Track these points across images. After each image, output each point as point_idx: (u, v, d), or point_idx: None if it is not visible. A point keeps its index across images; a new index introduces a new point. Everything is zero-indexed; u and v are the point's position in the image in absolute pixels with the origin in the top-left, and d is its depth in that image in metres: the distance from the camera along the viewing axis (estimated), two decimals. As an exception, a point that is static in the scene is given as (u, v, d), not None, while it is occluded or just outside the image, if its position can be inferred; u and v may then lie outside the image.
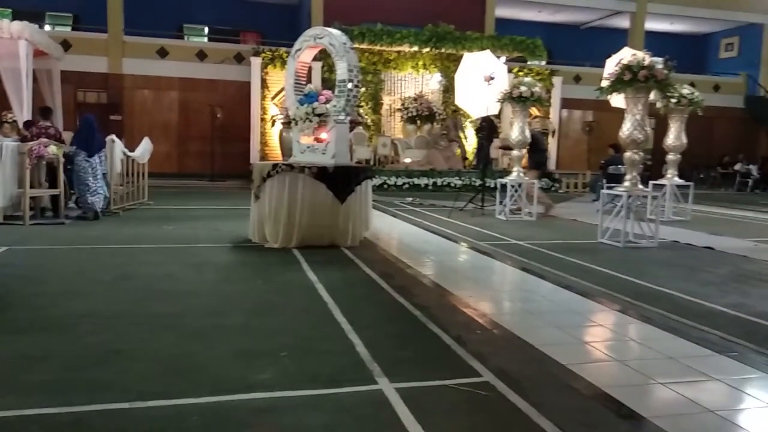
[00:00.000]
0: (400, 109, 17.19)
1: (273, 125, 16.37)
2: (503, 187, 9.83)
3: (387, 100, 17.45)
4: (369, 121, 17.05)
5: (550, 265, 5.92)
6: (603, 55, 9.10)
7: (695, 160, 17.79)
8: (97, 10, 17.41)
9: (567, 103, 19.43)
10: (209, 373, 3.00)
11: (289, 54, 7.78)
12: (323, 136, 7.01)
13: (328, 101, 7.06)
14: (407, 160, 16.40)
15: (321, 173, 6.50)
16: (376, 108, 17.23)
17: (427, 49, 16.60)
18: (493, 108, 10.51)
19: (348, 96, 6.92)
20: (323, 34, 7.25)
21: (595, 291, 4.93)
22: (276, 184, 6.50)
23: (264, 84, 16.42)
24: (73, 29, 19.03)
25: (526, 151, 10.27)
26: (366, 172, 7.25)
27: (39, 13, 18.82)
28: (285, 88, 7.88)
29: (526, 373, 3.08)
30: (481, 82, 10.42)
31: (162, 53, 17.51)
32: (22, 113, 9.92)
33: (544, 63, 19.07)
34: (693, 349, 3.55)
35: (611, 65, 7.50)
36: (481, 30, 18.68)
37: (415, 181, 15.33)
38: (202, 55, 17.83)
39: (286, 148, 14.33)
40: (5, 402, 2.58)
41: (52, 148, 7.97)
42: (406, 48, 16.62)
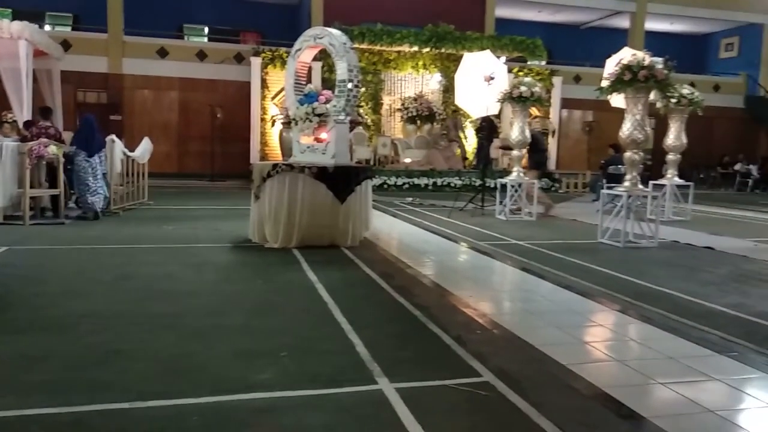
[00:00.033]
0: (400, 109, 17.19)
1: (273, 125, 16.38)
2: (503, 187, 9.84)
3: (387, 100, 17.45)
4: (369, 121, 17.05)
5: (550, 265, 5.92)
6: (603, 55, 9.10)
7: (695, 160, 17.79)
8: (97, 10, 17.42)
9: (567, 103, 19.43)
10: (209, 373, 3.00)
11: (289, 54, 7.78)
12: (323, 136, 7.01)
13: (328, 101, 7.06)
14: (407, 160, 16.40)
15: (321, 173, 6.50)
16: (376, 108, 17.23)
17: (427, 49, 16.60)
18: (493, 108, 10.51)
19: (348, 96, 6.92)
20: (323, 34, 7.25)
21: (595, 291, 4.93)
22: (276, 184, 6.50)
23: (264, 84, 16.43)
24: (73, 29, 19.04)
25: (526, 151, 10.28)
26: (366, 172, 7.26)
27: (39, 13, 18.83)
28: (285, 88, 7.88)
29: (526, 373, 3.08)
30: (481, 82, 10.42)
31: (162, 53, 17.51)
32: (22, 113, 9.92)
33: (544, 63, 19.07)
34: (693, 349, 3.55)
35: (611, 65, 7.50)
36: (481, 30, 18.69)
37: (415, 181, 15.33)
38: (202, 55, 17.84)
39: (287, 148, 14.33)
40: (5, 402, 2.58)
41: (52, 148, 7.97)
42: (406, 48, 16.62)
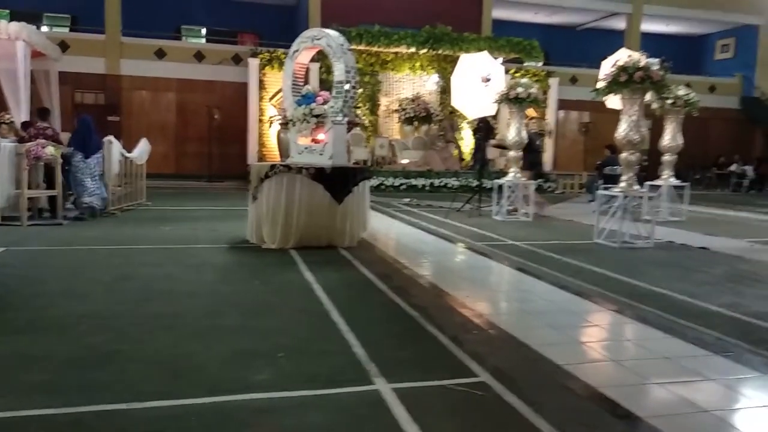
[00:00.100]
0: (397, 110, 17.20)
1: (271, 126, 16.38)
2: (500, 187, 9.87)
3: (384, 101, 17.46)
4: (366, 122, 17.06)
5: (547, 266, 5.93)
6: (599, 56, 9.10)
7: (691, 160, 17.85)
8: (95, 11, 17.41)
9: (563, 104, 19.47)
10: (207, 373, 3.01)
11: (286, 55, 7.80)
12: (321, 137, 7.03)
13: (325, 102, 7.07)
14: (404, 161, 16.41)
15: (318, 174, 6.51)
16: (374, 109, 17.24)
17: (425, 50, 16.61)
18: (490, 109, 10.53)
19: (345, 97, 6.93)
20: (321, 35, 7.27)
21: (591, 291, 4.95)
22: (274, 185, 6.51)
23: (261, 85, 16.42)
24: (71, 30, 19.02)
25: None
26: (363, 172, 7.27)
27: (37, 14, 18.81)
28: (283, 89, 7.89)
29: (523, 373, 3.10)
30: (478, 83, 10.44)
31: (160, 54, 17.50)
32: (19, 114, 9.91)
33: (540, 64, 19.12)
34: (689, 349, 3.57)
35: (607, 66, 7.52)
36: (478, 31, 18.73)
37: (413, 181, 15.35)
38: (199, 56, 17.83)
39: (285, 149, 14.33)
40: (4, 402, 2.59)
41: (50, 149, 7.97)
42: (403, 49, 16.64)
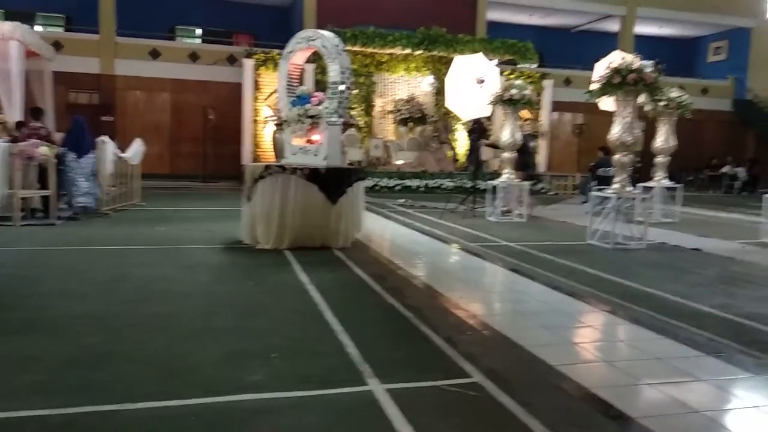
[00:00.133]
0: (392, 111, 17.23)
1: (266, 126, 16.36)
2: (494, 188, 9.90)
3: (379, 102, 17.49)
4: (361, 123, 17.08)
5: (540, 267, 5.95)
6: (593, 58, 9.13)
7: (684, 162, 17.95)
8: (89, 11, 17.37)
9: (557, 105, 19.55)
10: (202, 374, 3.01)
11: (281, 56, 7.80)
12: (315, 137, 7.03)
13: (320, 103, 7.08)
14: (399, 162, 16.43)
15: (313, 175, 6.51)
16: (369, 110, 17.27)
17: (419, 51, 16.66)
18: (484, 110, 10.56)
19: (340, 98, 6.94)
20: (316, 36, 7.27)
21: (584, 292, 4.97)
22: (268, 186, 6.50)
23: (256, 86, 16.43)
24: (65, 30, 18.97)
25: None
26: (358, 173, 7.28)
27: (31, 14, 18.76)
28: (278, 89, 7.89)
29: (516, 374, 3.11)
30: (473, 84, 10.47)
31: (154, 54, 17.47)
32: (13, 114, 9.88)
33: (534, 66, 19.16)
34: (681, 349, 3.58)
35: (601, 68, 7.56)
36: (473, 33, 18.79)
37: (407, 182, 15.38)
38: (194, 57, 17.82)
39: (280, 149, 14.33)
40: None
41: (43, 149, 7.95)
42: (398, 50, 16.67)
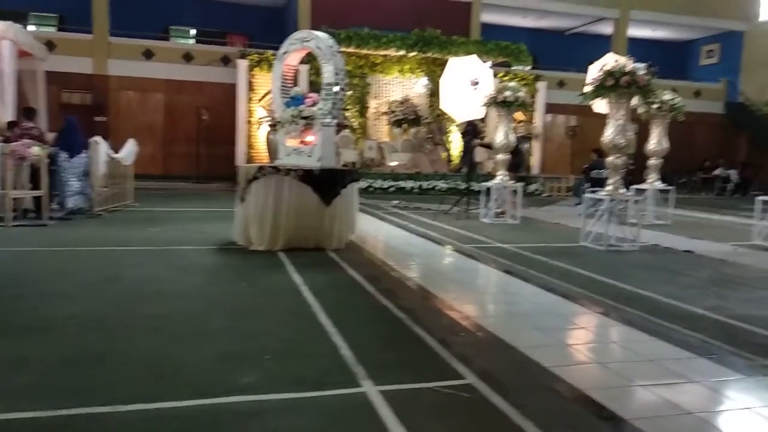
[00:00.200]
0: (386, 113, 17.24)
1: (260, 127, 16.33)
2: (488, 190, 9.91)
3: (373, 104, 17.49)
4: (355, 124, 17.08)
5: (534, 268, 5.96)
6: (587, 60, 9.20)
7: (676, 164, 18.02)
8: (83, 10, 17.29)
9: (551, 107, 19.59)
10: (195, 375, 2.99)
11: (275, 56, 7.78)
12: (309, 138, 7.02)
13: (314, 104, 7.07)
14: (393, 164, 16.43)
15: (307, 176, 6.50)
16: (363, 111, 17.26)
17: (414, 53, 16.68)
18: (478, 112, 10.58)
19: (334, 99, 6.93)
20: (310, 37, 7.26)
21: (577, 294, 4.98)
22: (262, 187, 6.49)
23: (250, 86, 16.40)
24: (58, 30, 18.87)
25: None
26: (352, 174, 7.28)
27: (23, 14, 18.65)
28: (272, 90, 7.87)
29: (509, 376, 3.11)
30: (467, 86, 10.48)
31: (148, 55, 17.41)
32: (5, 114, 9.81)
33: (528, 68, 19.24)
34: (673, 351, 3.59)
35: (594, 71, 7.58)
36: (467, 35, 18.82)
37: (401, 184, 15.38)
38: (188, 57, 17.76)
39: (273, 150, 14.31)
40: (-12, 405, 2.57)
41: (36, 150, 7.91)
42: (392, 52, 16.68)
